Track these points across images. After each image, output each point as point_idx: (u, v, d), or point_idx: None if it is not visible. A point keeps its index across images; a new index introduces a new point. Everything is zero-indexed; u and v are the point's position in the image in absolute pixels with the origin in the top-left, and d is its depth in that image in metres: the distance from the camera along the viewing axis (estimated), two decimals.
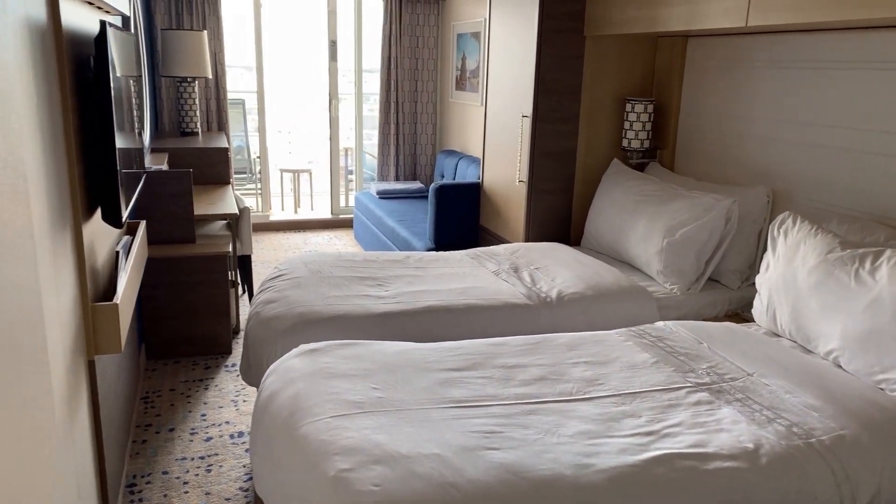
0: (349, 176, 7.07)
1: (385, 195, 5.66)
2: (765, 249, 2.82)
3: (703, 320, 2.77)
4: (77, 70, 1.95)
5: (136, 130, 2.95)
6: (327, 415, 1.75)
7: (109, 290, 2.24)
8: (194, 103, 5.14)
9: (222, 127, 5.77)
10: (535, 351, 2.23)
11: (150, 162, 3.96)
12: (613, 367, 2.15)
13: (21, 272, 0.97)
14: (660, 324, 2.52)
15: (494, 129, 4.07)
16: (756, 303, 2.62)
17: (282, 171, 7.40)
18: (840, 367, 2.20)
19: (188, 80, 5.04)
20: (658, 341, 2.35)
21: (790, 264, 2.42)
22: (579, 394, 1.97)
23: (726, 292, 3.02)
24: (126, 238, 2.46)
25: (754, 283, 2.97)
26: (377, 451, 1.60)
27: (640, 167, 3.71)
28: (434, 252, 3.35)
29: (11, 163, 0.95)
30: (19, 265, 0.96)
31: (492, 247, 3.43)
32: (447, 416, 1.79)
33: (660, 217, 3.06)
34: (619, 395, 1.97)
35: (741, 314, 2.96)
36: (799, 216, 2.54)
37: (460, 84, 5.74)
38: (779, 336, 2.50)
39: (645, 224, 3.11)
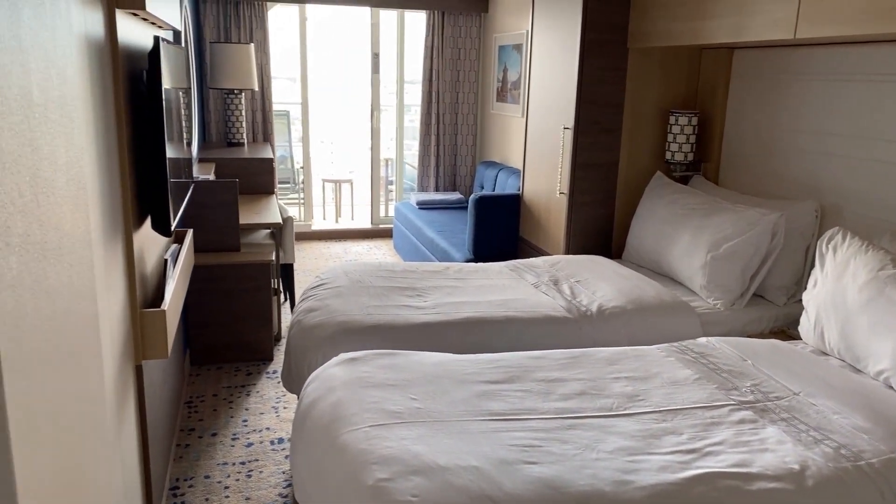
0: (389, 186, 7.14)
1: (425, 206, 5.69)
2: (812, 265, 2.76)
3: (748, 337, 2.71)
4: (131, 83, 2.02)
5: (185, 141, 3.03)
6: (366, 424, 1.77)
7: (157, 297, 2.30)
8: (241, 114, 5.25)
9: (267, 138, 5.89)
10: (575, 365, 2.22)
11: (197, 172, 4.06)
12: (654, 382, 2.12)
13: (81, 279, 1.01)
14: (702, 340, 2.48)
15: (535, 140, 4.07)
16: (803, 320, 2.56)
17: (324, 181, 7.50)
18: (891, 387, 2.13)
19: (235, 91, 5.16)
20: (700, 357, 2.32)
21: (839, 281, 2.36)
22: (619, 409, 1.95)
23: (772, 308, 2.95)
24: (174, 246, 2.53)
25: (801, 300, 2.90)
26: (415, 462, 1.60)
27: (684, 180, 3.66)
28: (473, 263, 3.36)
29: (75, 175, 0.99)
30: (79, 272, 1.00)
31: (531, 259, 3.42)
32: (486, 429, 1.79)
33: (704, 231, 3.01)
34: (660, 411, 1.95)
35: (787, 331, 2.89)
36: (849, 232, 2.48)
37: (501, 96, 5.76)
38: (827, 355, 2.44)
39: (688, 238, 3.07)
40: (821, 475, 1.66)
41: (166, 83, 2.15)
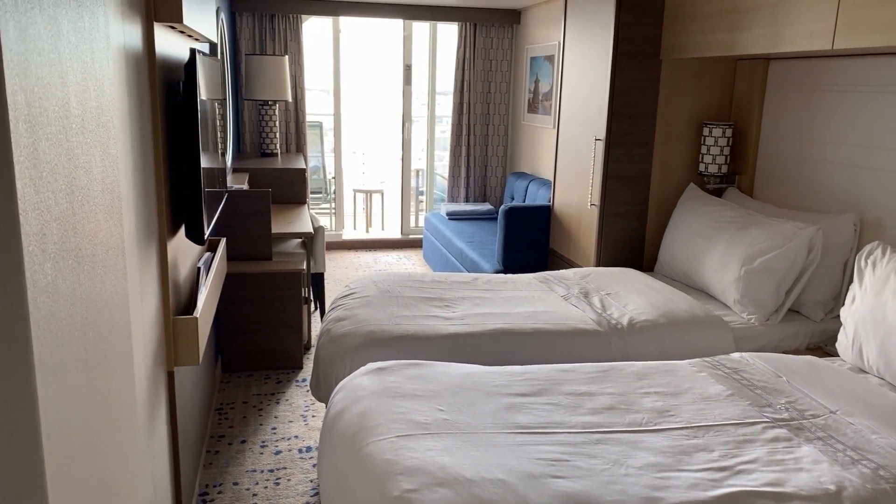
0: (420, 197, 7.17)
1: (454, 216, 5.70)
2: (851, 280, 2.69)
3: (783, 353, 2.65)
4: (167, 94, 2.07)
5: (220, 151, 3.09)
6: (392, 434, 1.77)
7: (190, 304, 2.33)
8: (274, 125, 5.33)
9: (300, 148, 5.96)
10: (605, 379, 2.19)
11: (231, 181, 4.13)
12: (685, 398, 2.09)
13: (114, 286, 1.03)
14: (736, 355, 2.44)
15: (566, 151, 4.05)
16: (841, 336, 2.50)
17: (355, 191, 7.56)
18: None
19: (269, 103, 5.24)
20: (733, 373, 2.27)
21: (879, 297, 2.30)
22: (649, 424, 1.92)
23: (808, 324, 2.89)
24: (207, 254, 2.57)
25: (839, 316, 2.83)
26: (441, 474, 1.60)
27: (718, 192, 3.61)
28: (502, 274, 3.35)
29: (109, 184, 1.01)
30: (112, 280, 1.02)
31: (561, 271, 3.40)
32: (512, 442, 1.78)
33: (738, 244, 2.96)
34: (691, 427, 1.91)
35: (824, 348, 2.82)
36: (889, 246, 2.42)
37: (532, 107, 5.75)
38: (865, 372, 2.38)
39: (722, 251, 3.02)
40: (858, 496, 1.61)
41: (202, 94, 2.19)
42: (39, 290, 0.67)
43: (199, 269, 2.28)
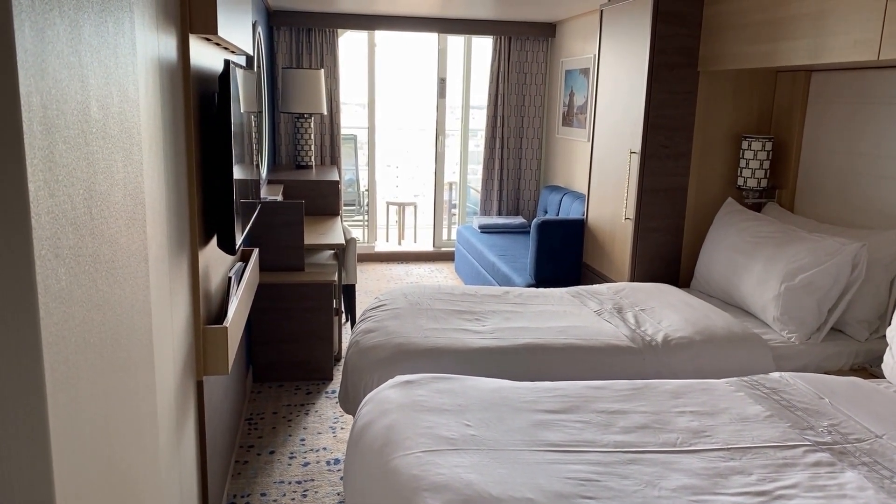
0: (453, 210, 7.15)
1: (487, 229, 5.67)
2: None
3: (825, 373, 2.56)
4: (202, 105, 2.09)
5: (255, 163, 3.11)
6: (419, 449, 1.74)
7: (221, 314, 2.34)
8: (310, 138, 5.38)
9: (335, 161, 6.01)
10: (638, 397, 2.13)
11: (266, 193, 4.16)
12: (722, 418, 2.02)
13: (135, 293, 1.02)
14: (775, 375, 2.35)
15: (601, 165, 4.00)
16: (887, 357, 2.40)
17: (388, 203, 7.59)
18: None
19: (305, 116, 5.30)
20: (772, 393, 2.19)
21: None
22: (684, 445, 1.86)
23: (852, 344, 2.78)
24: (239, 264, 2.58)
25: (885, 336, 2.72)
26: (467, 491, 1.56)
27: (757, 207, 3.52)
28: (534, 288, 3.30)
29: (132, 192, 1.01)
30: (133, 287, 1.01)
31: (594, 285, 3.34)
32: (541, 460, 1.73)
33: (778, 260, 2.87)
34: (728, 449, 1.84)
35: (869, 369, 2.71)
36: None
37: (567, 120, 5.71)
38: None
39: (761, 267, 2.94)
40: None
41: (236, 106, 2.21)
42: (52, 295, 0.66)
43: (230, 278, 2.29)
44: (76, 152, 0.73)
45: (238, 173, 2.25)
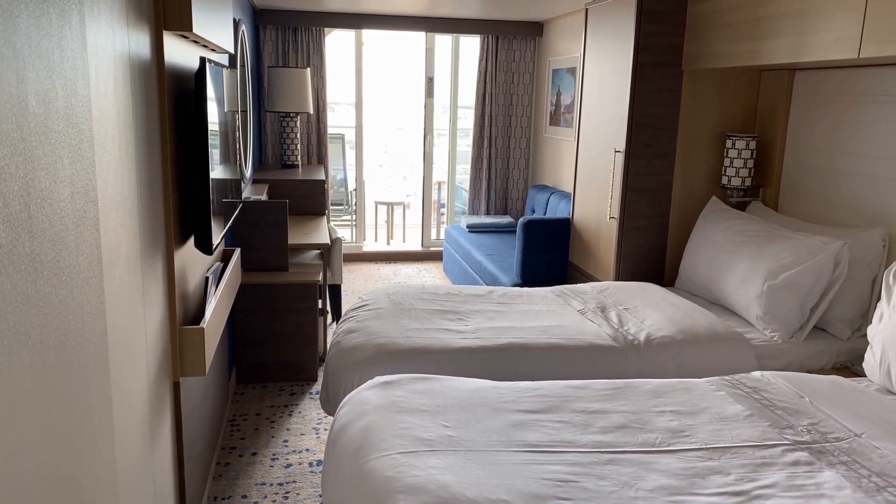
0: (441, 209, 7.14)
1: (475, 229, 5.65)
2: (879, 298, 2.59)
3: (808, 372, 2.55)
4: (179, 104, 2.06)
5: (237, 162, 3.08)
6: (395, 451, 1.72)
7: (200, 314, 2.32)
8: (296, 137, 5.35)
9: (322, 160, 5.98)
10: (618, 396, 2.12)
11: (250, 192, 4.13)
12: (702, 418, 2.01)
13: (85, 295, 1.00)
14: (756, 374, 2.35)
15: (586, 164, 3.99)
16: (868, 356, 2.40)
17: (377, 203, 7.56)
18: None
19: (291, 115, 5.26)
20: (753, 392, 2.19)
21: None
22: (663, 445, 1.85)
23: (834, 343, 2.78)
24: (218, 264, 2.56)
25: (867, 334, 2.72)
26: (443, 493, 1.55)
27: (741, 206, 3.52)
28: (518, 288, 3.29)
29: (81, 189, 0.99)
30: (84, 288, 0.99)
31: (579, 285, 3.33)
32: (519, 461, 1.72)
33: (761, 259, 2.87)
34: (707, 448, 1.84)
35: (851, 367, 2.71)
36: None
37: (554, 119, 5.70)
38: (893, 394, 2.27)
39: (745, 266, 2.93)
40: None
41: (214, 104, 2.18)
42: None
43: (207, 278, 2.27)
44: (9, 147, 0.71)
45: (216, 172, 2.22)
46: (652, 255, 3.62)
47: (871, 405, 2.10)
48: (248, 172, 4.25)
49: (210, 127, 2.07)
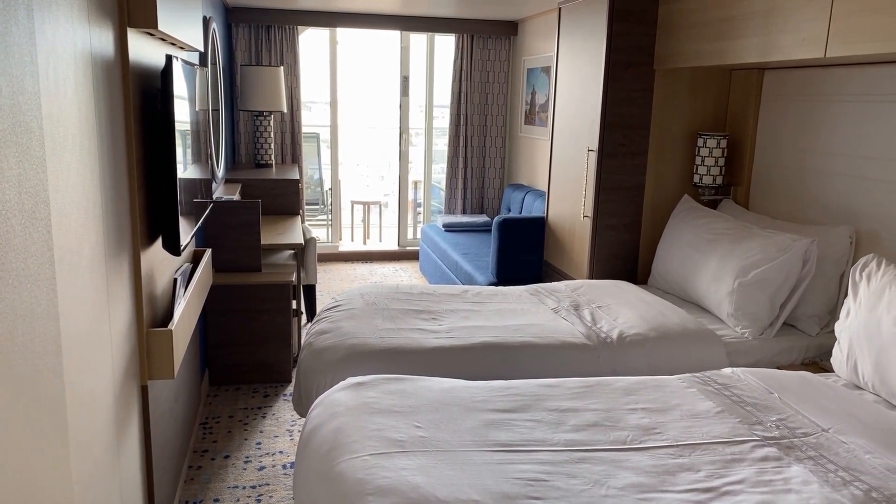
0: (418, 209, 7.12)
1: (451, 228, 5.65)
2: (846, 294, 2.62)
3: (777, 368, 2.59)
4: (146, 103, 2.03)
5: (208, 161, 3.04)
6: (366, 452, 1.71)
7: (169, 316, 2.28)
8: (269, 136, 5.30)
9: (296, 160, 5.93)
10: (590, 394, 2.13)
11: (223, 192, 4.09)
12: (673, 415, 2.02)
13: (35, 298, 0.97)
14: (727, 370, 2.37)
15: (560, 163, 4.01)
16: (835, 352, 2.43)
17: (353, 202, 7.52)
18: None
19: (264, 114, 5.22)
20: (724, 389, 2.21)
21: (873, 311, 2.24)
22: (634, 443, 1.86)
23: (803, 339, 2.82)
24: (187, 265, 2.52)
25: (834, 331, 2.76)
26: (413, 494, 1.54)
27: (713, 204, 3.56)
28: (492, 287, 3.29)
29: (30, 190, 0.96)
30: (34, 291, 0.96)
31: (553, 283, 3.34)
32: (490, 461, 1.72)
33: (732, 256, 2.90)
34: (677, 445, 1.85)
35: (820, 363, 2.75)
36: (884, 259, 2.36)
37: (529, 118, 5.71)
38: (860, 389, 2.31)
39: (716, 263, 2.96)
40: None
41: (184, 103, 2.15)
42: None
43: (175, 280, 2.23)
44: None
45: (186, 172, 2.19)
46: (625, 253, 3.64)
47: (839, 400, 2.13)
48: (220, 172, 4.20)
49: (179, 126, 2.04)
